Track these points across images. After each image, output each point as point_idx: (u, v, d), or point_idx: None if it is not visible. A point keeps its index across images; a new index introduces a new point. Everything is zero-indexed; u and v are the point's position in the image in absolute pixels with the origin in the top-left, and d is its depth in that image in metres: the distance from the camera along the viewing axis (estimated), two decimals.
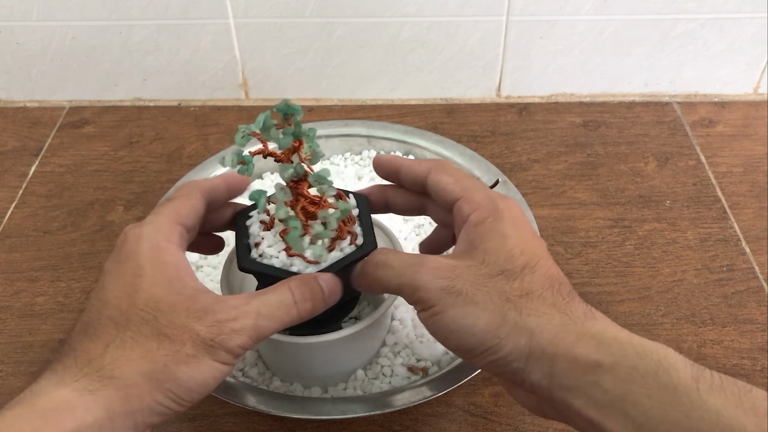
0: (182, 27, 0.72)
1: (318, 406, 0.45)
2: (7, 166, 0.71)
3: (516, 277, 0.34)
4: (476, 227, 0.37)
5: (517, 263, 0.35)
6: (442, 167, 0.40)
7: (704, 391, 0.29)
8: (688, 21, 0.71)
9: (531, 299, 0.33)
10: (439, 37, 0.73)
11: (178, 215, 0.38)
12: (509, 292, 0.33)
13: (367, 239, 0.41)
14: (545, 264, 0.35)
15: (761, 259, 0.59)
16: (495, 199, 0.38)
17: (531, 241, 0.36)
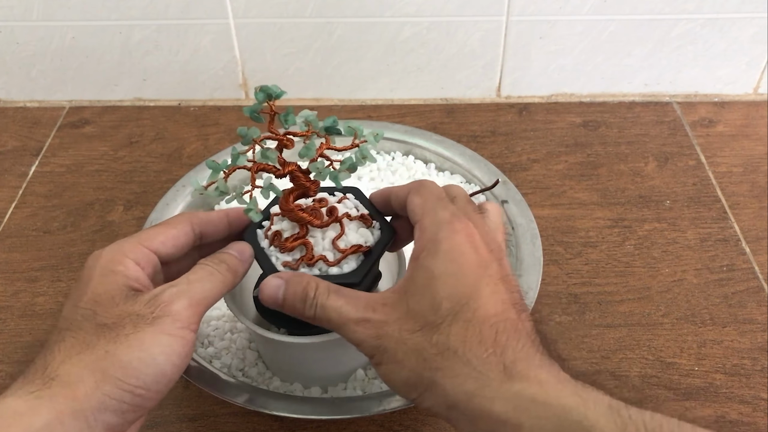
0: (182, 27, 0.72)
1: (318, 406, 0.45)
2: (7, 166, 0.71)
3: (435, 332, 0.34)
4: (414, 262, 0.36)
5: (440, 312, 0.34)
6: (419, 188, 0.40)
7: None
8: (688, 21, 0.71)
9: (447, 357, 0.33)
10: (439, 37, 0.73)
11: (151, 240, 0.38)
12: (427, 350, 0.34)
13: (383, 224, 0.42)
14: (473, 305, 0.34)
15: (761, 259, 0.59)
16: (441, 226, 0.36)
17: (465, 276, 0.35)
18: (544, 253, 0.55)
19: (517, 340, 0.33)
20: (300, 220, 0.40)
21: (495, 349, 0.33)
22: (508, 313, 0.34)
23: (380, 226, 0.42)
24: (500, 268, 0.36)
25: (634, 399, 0.32)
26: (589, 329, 0.54)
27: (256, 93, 0.37)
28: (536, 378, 0.32)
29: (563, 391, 0.31)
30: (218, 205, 0.62)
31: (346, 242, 0.40)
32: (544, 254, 0.54)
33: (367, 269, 0.40)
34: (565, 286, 0.57)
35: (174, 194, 0.60)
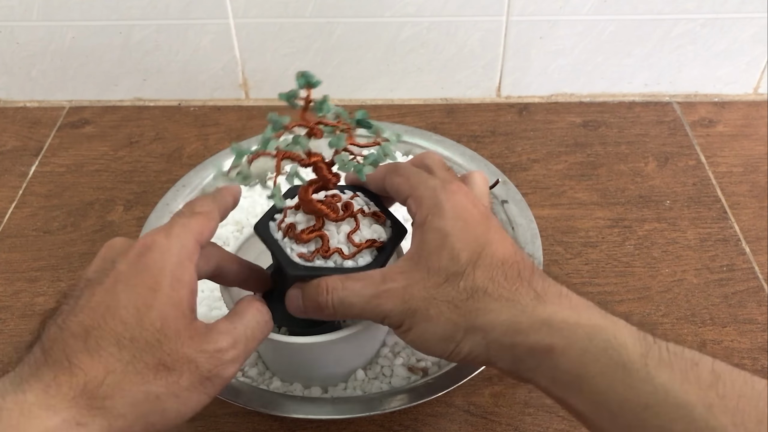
0: (182, 27, 0.72)
1: (318, 406, 0.45)
2: (7, 166, 0.71)
3: (460, 279, 0.35)
4: (420, 228, 0.37)
5: (461, 262, 0.35)
6: (395, 169, 0.41)
7: (653, 367, 0.31)
8: (688, 21, 0.71)
9: (477, 299, 0.34)
10: (439, 37, 0.73)
11: (201, 236, 0.36)
12: (456, 298, 0.35)
13: (395, 222, 0.42)
14: (490, 250, 0.36)
15: (761, 259, 0.59)
16: (437, 191, 0.38)
17: (474, 228, 0.36)
18: (544, 253, 0.55)
19: (540, 275, 0.35)
20: (318, 212, 0.40)
21: (522, 282, 0.35)
22: (521, 255, 0.36)
23: (391, 224, 0.42)
24: (498, 221, 0.38)
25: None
26: None
27: (298, 78, 0.37)
28: (569, 302, 0.34)
29: (593, 313, 0.34)
30: None
31: (360, 237, 0.40)
32: (544, 254, 0.54)
33: (381, 264, 0.40)
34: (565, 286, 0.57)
35: (174, 194, 0.60)
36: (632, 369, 0.31)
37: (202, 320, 0.35)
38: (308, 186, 0.40)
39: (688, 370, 0.30)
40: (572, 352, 0.32)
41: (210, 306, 0.52)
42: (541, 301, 0.34)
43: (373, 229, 0.41)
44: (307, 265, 0.40)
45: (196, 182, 0.61)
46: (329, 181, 0.40)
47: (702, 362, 0.31)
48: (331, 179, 0.40)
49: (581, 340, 0.32)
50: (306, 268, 0.40)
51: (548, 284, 0.35)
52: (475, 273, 0.35)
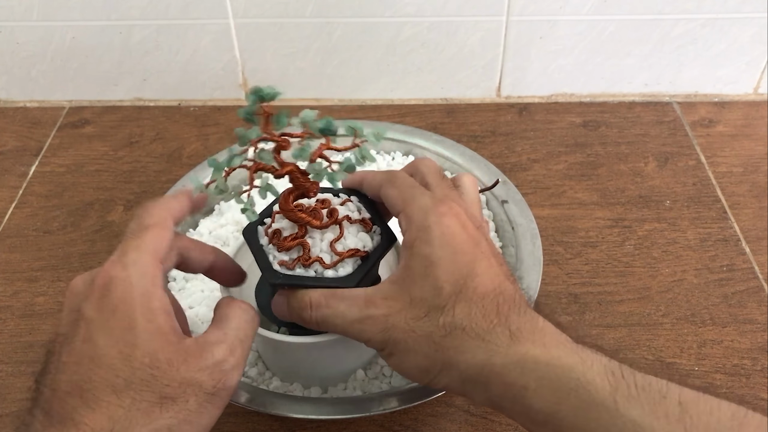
0: (182, 27, 0.72)
1: (318, 406, 0.45)
2: (7, 166, 0.71)
3: (441, 314, 0.35)
4: (408, 251, 0.37)
5: (443, 295, 0.35)
6: (391, 180, 0.41)
7: (622, 404, 0.31)
8: (688, 21, 0.71)
9: (455, 336, 0.35)
10: (439, 37, 0.73)
11: (160, 252, 0.36)
12: (434, 334, 0.35)
13: (384, 230, 0.42)
14: (472, 284, 0.35)
15: (761, 259, 0.59)
16: (427, 212, 0.37)
17: (460, 257, 0.36)
18: (544, 253, 0.55)
19: (517, 309, 0.35)
20: (298, 220, 0.40)
21: (499, 319, 0.35)
22: (504, 285, 0.36)
23: (380, 231, 0.42)
24: (488, 243, 0.38)
25: None
26: (589, 329, 0.54)
27: (248, 95, 0.37)
28: (540, 340, 0.34)
29: (564, 352, 0.34)
30: (218, 205, 0.62)
31: (344, 245, 0.40)
32: (544, 254, 0.54)
33: (363, 274, 0.40)
34: (565, 286, 0.57)
35: None
36: (602, 407, 0.31)
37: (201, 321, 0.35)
38: (288, 194, 0.40)
39: (657, 403, 0.31)
40: (544, 392, 0.32)
41: (210, 306, 0.52)
42: (515, 340, 0.34)
43: (359, 238, 0.41)
44: (287, 274, 0.40)
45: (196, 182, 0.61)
46: (308, 188, 0.40)
47: (669, 394, 0.31)
48: (310, 187, 0.40)
49: (552, 380, 0.33)
50: (285, 277, 0.39)
51: (524, 320, 0.35)
52: (455, 309, 0.35)
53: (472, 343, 0.34)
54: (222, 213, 0.61)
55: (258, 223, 0.43)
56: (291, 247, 0.40)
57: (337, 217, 0.41)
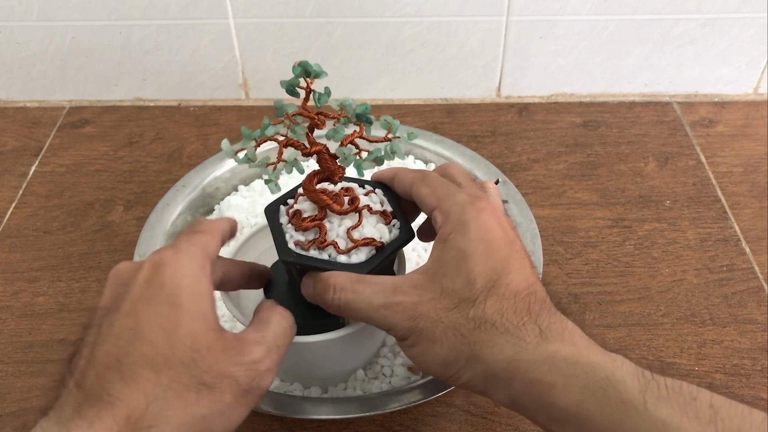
0: (182, 27, 0.72)
1: (318, 406, 0.45)
2: (7, 166, 0.71)
3: (471, 307, 0.35)
4: (442, 243, 0.37)
5: (475, 288, 0.35)
6: (423, 179, 0.41)
7: (651, 403, 0.30)
8: (688, 21, 0.71)
9: (484, 330, 0.34)
10: (439, 37, 0.73)
11: (209, 250, 0.36)
12: (463, 326, 0.35)
13: (404, 225, 0.42)
14: (505, 280, 0.35)
15: (761, 259, 0.59)
16: (465, 206, 0.37)
17: (495, 253, 0.36)
18: (544, 253, 0.55)
19: (548, 309, 0.35)
20: (320, 201, 0.40)
21: (530, 317, 0.35)
22: (536, 286, 0.36)
23: (400, 226, 0.42)
24: (522, 244, 0.38)
25: None
26: (589, 329, 0.53)
27: (294, 67, 0.37)
28: (570, 340, 0.34)
29: (593, 351, 0.34)
30: (218, 205, 0.62)
31: (360, 233, 0.40)
32: (544, 254, 0.54)
33: (375, 264, 0.40)
34: (565, 286, 0.57)
35: (174, 194, 0.60)
36: (631, 406, 0.31)
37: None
38: (313, 175, 0.40)
39: (687, 405, 0.30)
40: (571, 390, 0.32)
41: None
42: (545, 339, 0.34)
43: (377, 228, 0.41)
44: (300, 253, 0.40)
45: (196, 182, 0.61)
46: (334, 172, 0.40)
47: (700, 397, 0.31)
48: (336, 170, 0.40)
49: (580, 378, 0.32)
50: (297, 256, 0.40)
51: (554, 320, 0.35)
52: (486, 303, 0.35)
53: (500, 338, 0.34)
54: (222, 213, 0.61)
55: (281, 202, 0.43)
56: (308, 228, 0.40)
57: (358, 205, 0.41)
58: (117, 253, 0.61)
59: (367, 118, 0.38)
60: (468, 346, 0.34)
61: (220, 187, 0.62)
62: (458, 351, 0.35)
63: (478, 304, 0.35)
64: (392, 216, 0.42)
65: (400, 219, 0.42)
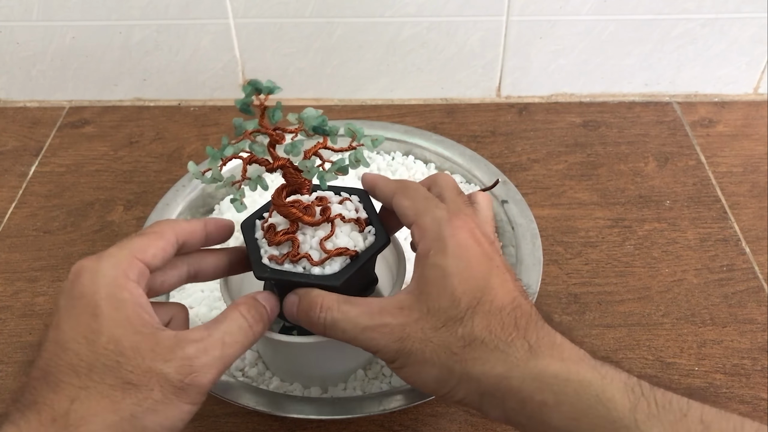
0: (182, 27, 0.72)
1: (318, 406, 0.45)
2: (7, 166, 0.71)
3: (459, 325, 0.35)
4: (422, 262, 0.37)
5: (460, 306, 0.35)
6: (404, 190, 0.40)
7: (642, 422, 0.30)
8: (688, 21, 0.71)
9: (474, 348, 0.34)
10: (439, 37, 0.73)
11: (143, 252, 0.36)
12: (453, 344, 0.34)
13: (379, 231, 0.41)
14: (489, 296, 0.35)
15: (761, 259, 0.59)
16: (442, 224, 0.37)
17: (476, 269, 0.36)
18: (544, 253, 0.55)
19: (535, 323, 0.35)
20: (289, 215, 0.40)
21: (518, 333, 0.34)
22: (520, 300, 0.36)
23: (375, 232, 0.42)
24: (501, 259, 0.38)
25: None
26: (589, 329, 0.54)
27: (244, 87, 0.37)
28: (559, 355, 0.34)
29: (583, 367, 0.33)
30: (218, 205, 0.62)
31: (333, 243, 0.40)
32: (544, 254, 0.54)
33: (350, 274, 0.39)
34: (565, 286, 0.57)
35: (174, 194, 0.60)
36: (621, 425, 0.31)
37: (201, 321, 0.34)
38: (281, 189, 0.40)
39: (678, 422, 0.30)
40: (563, 408, 0.32)
41: (210, 306, 0.52)
42: (534, 354, 0.34)
43: (351, 237, 0.41)
44: (274, 268, 0.40)
45: (195, 182, 0.61)
46: (301, 185, 0.40)
47: (691, 412, 0.31)
48: (303, 183, 0.40)
49: (571, 396, 0.32)
50: (272, 271, 0.40)
51: (543, 334, 0.35)
52: (474, 320, 0.35)
53: (491, 355, 0.34)
54: (222, 213, 0.61)
55: (257, 216, 0.43)
56: (281, 242, 0.40)
57: (329, 214, 0.41)
58: None
59: (323, 130, 0.38)
60: (460, 364, 0.34)
61: None
62: (450, 369, 0.35)
63: (466, 322, 0.35)
64: (367, 222, 0.42)
65: (375, 225, 0.42)
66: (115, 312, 0.33)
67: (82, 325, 0.32)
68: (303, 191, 0.41)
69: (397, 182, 0.42)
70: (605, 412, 0.31)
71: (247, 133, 0.38)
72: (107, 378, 0.31)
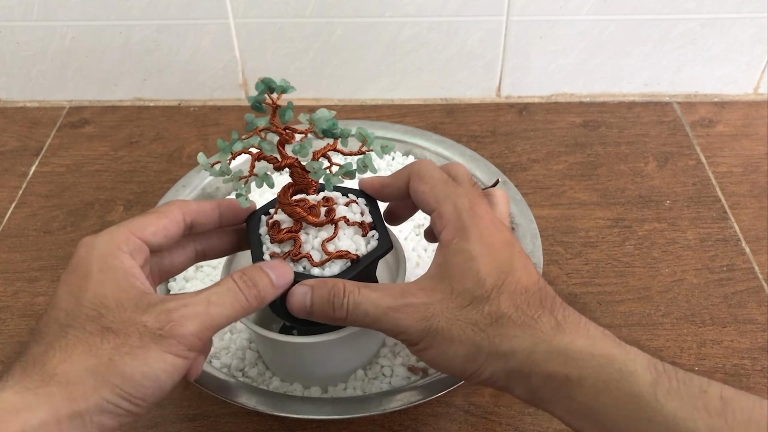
0: (182, 27, 0.72)
1: (318, 406, 0.45)
2: (7, 166, 0.71)
3: (485, 303, 0.35)
4: (445, 249, 0.37)
5: (486, 286, 0.35)
6: (419, 174, 0.40)
7: (662, 396, 0.31)
8: (688, 21, 0.71)
9: (501, 324, 0.34)
10: (439, 37, 0.73)
11: (142, 230, 0.37)
12: (480, 321, 0.35)
13: (383, 236, 0.41)
14: (513, 277, 0.36)
15: (761, 259, 0.59)
16: (462, 212, 0.37)
17: (499, 253, 0.36)
18: (544, 253, 0.55)
19: (560, 303, 0.36)
20: (293, 214, 0.40)
21: (543, 310, 0.35)
22: (543, 283, 0.36)
23: (378, 237, 0.41)
24: (521, 246, 0.38)
25: None
26: None
27: (257, 84, 0.37)
28: (585, 332, 0.34)
29: (607, 343, 0.34)
30: None
31: (335, 246, 0.40)
32: (544, 254, 0.54)
33: (348, 277, 0.39)
34: (565, 286, 0.57)
35: (174, 194, 0.60)
36: (642, 399, 0.31)
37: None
38: (287, 188, 0.40)
39: (697, 397, 0.31)
40: (586, 383, 0.32)
41: None
42: (561, 330, 0.34)
43: (353, 240, 0.41)
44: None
45: (196, 182, 0.61)
46: (308, 185, 0.40)
47: (711, 389, 0.31)
48: (310, 183, 0.40)
49: (594, 370, 0.32)
50: None
51: (568, 313, 0.35)
52: (500, 299, 0.35)
53: (518, 330, 0.34)
54: None
55: (263, 212, 0.43)
56: (283, 240, 0.40)
57: (334, 216, 0.41)
58: None
59: (332, 133, 0.38)
60: (488, 340, 0.34)
61: (220, 187, 0.62)
62: (479, 346, 0.35)
63: (492, 300, 0.35)
64: (371, 227, 0.42)
65: (379, 230, 0.42)
66: (103, 275, 0.34)
67: (72, 284, 0.34)
68: (309, 191, 0.41)
69: (410, 166, 0.41)
70: (627, 387, 0.31)
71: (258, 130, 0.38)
72: (87, 326, 0.33)
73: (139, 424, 0.48)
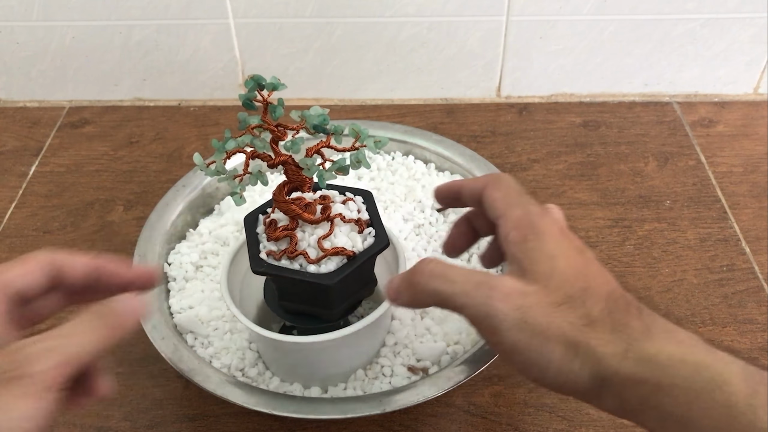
0: (182, 27, 0.72)
1: (318, 406, 0.45)
2: (7, 166, 0.71)
3: (579, 305, 0.33)
4: (519, 246, 0.36)
5: (576, 287, 0.34)
6: (496, 182, 0.39)
7: (759, 407, 0.29)
8: (688, 21, 0.71)
9: (594, 328, 0.33)
10: (439, 37, 0.73)
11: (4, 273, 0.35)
12: (576, 322, 0.33)
13: (379, 233, 0.41)
14: (595, 282, 0.34)
15: (761, 259, 0.59)
16: (533, 216, 0.36)
17: (575, 258, 0.35)
18: None
19: (645, 309, 0.34)
20: (289, 211, 0.40)
21: (631, 316, 0.33)
22: (621, 290, 0.35)
23: (375, 234, 0.42)
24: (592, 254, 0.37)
25: None
26: None
27: (247, 81, 0.37)
28: (674, 338, 0.33)
29: (699, 350, 0.32)
30: (218, 205, 0.62)
31: (331, 243, 0.40)
32: None
33: (345, 274, 0.39)
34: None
35: (174, 194, 0.60)
36: (737, 411, 0.29)
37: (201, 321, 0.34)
38: (282, 185, 0.40)
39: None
40: (677, 391, 0.31)
41: (210, 306, 0.52)
42: (650, 336, 0.33)
43: (350, 237, 0.41)
44: (270, 264, 0.40)
45: (195, 182, 0.61)
46: (302, 182, 0.40)
47: None
48: (305, 180, 0.40)
49: (686, 378, 0.31)
50: (268, 266, 0.40)
51: (654, 318, 0.34)
52: (588, 302, 0.33)
53: (610, 336, 0.32)
54: (222, 213, 0.61)
55: (260, 211, 0.43)
56: (280, 238, 0.40)
57: (329, 213, 0.41)
58: (117, 254, 0.61)
59: (323, 129, 0.38)
60: (585, 344, 0.32)
61: (220, 187, 0.62)
62: (576, 348, 0.32)
63: (584, 302, 0.33)
64: (367, 224, 0.42)
65: (376, 227, 0.42)
66: None
67: None
68: (304, 189, 0.41)
69: (488, 175, 0.40)
70: (720, 397, 0.30)
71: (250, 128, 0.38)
72: None
73: (138, 424, 0.48)
